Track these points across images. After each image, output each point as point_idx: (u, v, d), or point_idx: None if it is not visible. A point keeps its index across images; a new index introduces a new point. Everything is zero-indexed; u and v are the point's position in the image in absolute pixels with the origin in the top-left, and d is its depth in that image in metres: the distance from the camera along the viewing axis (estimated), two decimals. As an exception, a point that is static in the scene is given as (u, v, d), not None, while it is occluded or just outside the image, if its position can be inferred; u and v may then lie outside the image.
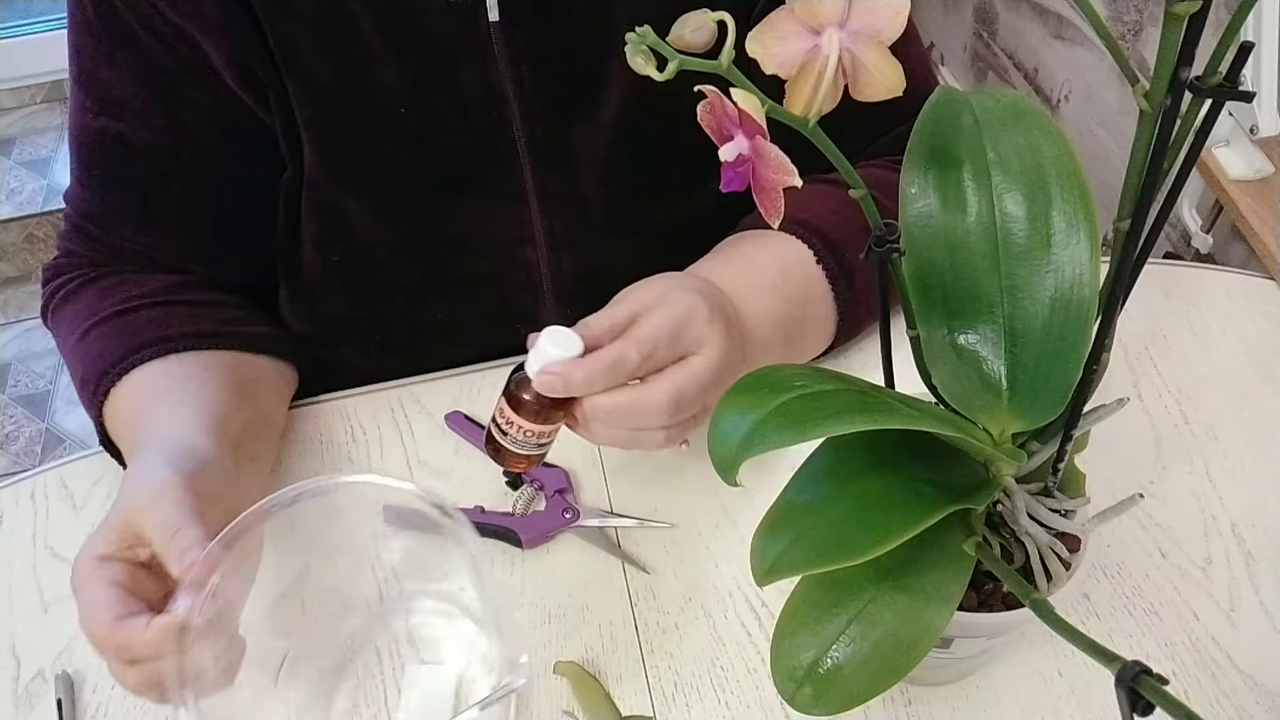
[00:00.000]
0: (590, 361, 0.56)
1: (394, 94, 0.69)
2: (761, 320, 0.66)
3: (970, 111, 0.49)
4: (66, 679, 0.63)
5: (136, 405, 0.67)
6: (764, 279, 0.68)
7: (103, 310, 0.72)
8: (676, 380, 0.58)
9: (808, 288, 0.69)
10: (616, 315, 0.59)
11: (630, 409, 0.57)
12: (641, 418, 0.58)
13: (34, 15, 2.26)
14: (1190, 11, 0.32)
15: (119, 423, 0.67)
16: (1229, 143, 1.03)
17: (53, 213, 2.13)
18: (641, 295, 0.60)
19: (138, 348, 0.68)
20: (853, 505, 0.45)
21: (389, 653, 0.63)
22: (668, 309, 0.58)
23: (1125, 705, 0.33)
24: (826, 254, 0.69)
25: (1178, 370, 0.75)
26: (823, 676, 0.46)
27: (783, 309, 0.67)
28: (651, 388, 0.58)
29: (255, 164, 0.74)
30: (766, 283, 0.68)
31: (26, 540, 0.70)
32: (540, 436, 0.58)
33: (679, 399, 0.58)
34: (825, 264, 0.69)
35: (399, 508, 0.59)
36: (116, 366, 0.67)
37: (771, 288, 0.67)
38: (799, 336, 0.70)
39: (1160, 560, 0.65)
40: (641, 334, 0.57)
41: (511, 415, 0.57)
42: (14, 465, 1.85)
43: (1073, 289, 0.46)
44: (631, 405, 0.57)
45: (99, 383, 0.67)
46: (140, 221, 0.75)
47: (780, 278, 0.68)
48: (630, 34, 0.36)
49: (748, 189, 0.40)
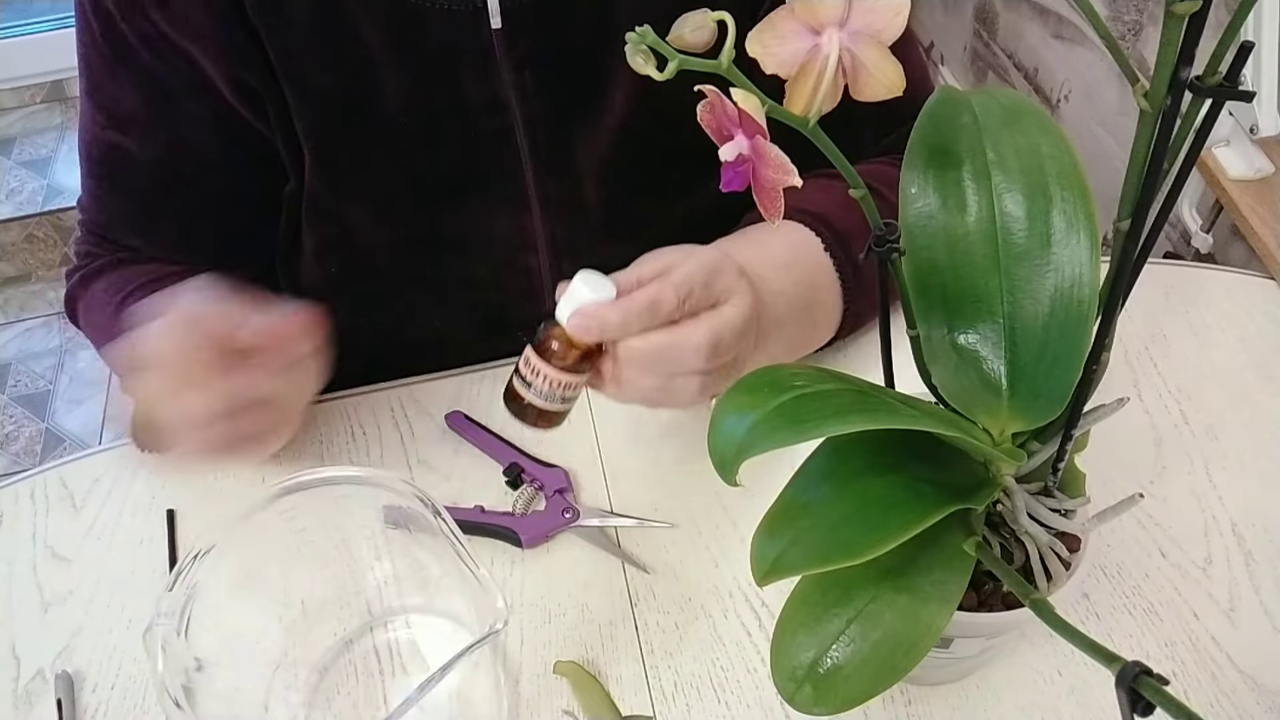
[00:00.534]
0: (626, 302, 0.55)
1: (396, 100, 0.70)
2: (776, 297, 0.66)
3: (970, 111, 0.49)
4: (66, 679, 0.63)
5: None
6: (778, 259, 0.68)
7: (134, 281, 0.73)
8: (714, 324, 0.57)
9: (816, 273, 0.69)
10: (644, 271, 0.58)
11: (668, 351, 0.56)
12: (679, 360, 0.56)
13: (34, 15, 2.26)
14: (1190, 11, 0.32)
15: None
16: (1229, 142, 1.03)
17: (53, 213, 2.13)
18: (666, 253, 0.59)
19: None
20: (853, 505, 0.45)
21: (387, 653, 0.63)
22: (697, 259, 0.58)
23: (1125, 705, 0.33)
24: (834, 243, 0.69)
25: (1178, 370, 0.75)
26: (823, 676, 0.46)
27: (794, 290, 0.67)
28: (690, 328, 0.56)
29: (256, 176, 0.75)
30: (780, 262, 0.67)
31: (26, 540, 0.70)
32: (566, 389, 0.56)
33: (717, 341, 0.56)
34: (833, 252, 0.69)
35: (399, 508, 0.59)
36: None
37: (785, 267, 0.67)
38: (808, 321, 0.70)
39: (1160, 560, 0.65)
40: (677, 279, 0.56)
41: (539, 364, 0.56)
42: (14, 465, 1.85)
43: (1073, 289, 0.46)
44: (670, 347, 0.56)
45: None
46: (145, 231, 0.76)
47: (791, 259, 0.68)
48: (630, 34, 0.36)
49: (748, 189, 0.40)
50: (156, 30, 0.65)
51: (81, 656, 0.64)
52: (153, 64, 0.67)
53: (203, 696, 0.52)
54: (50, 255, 2.18)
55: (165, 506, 0.71)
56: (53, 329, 2.09)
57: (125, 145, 0.72)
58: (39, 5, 2.27)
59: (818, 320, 0.71)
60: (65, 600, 0.67)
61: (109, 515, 0.71)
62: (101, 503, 0.72)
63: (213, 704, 0.53)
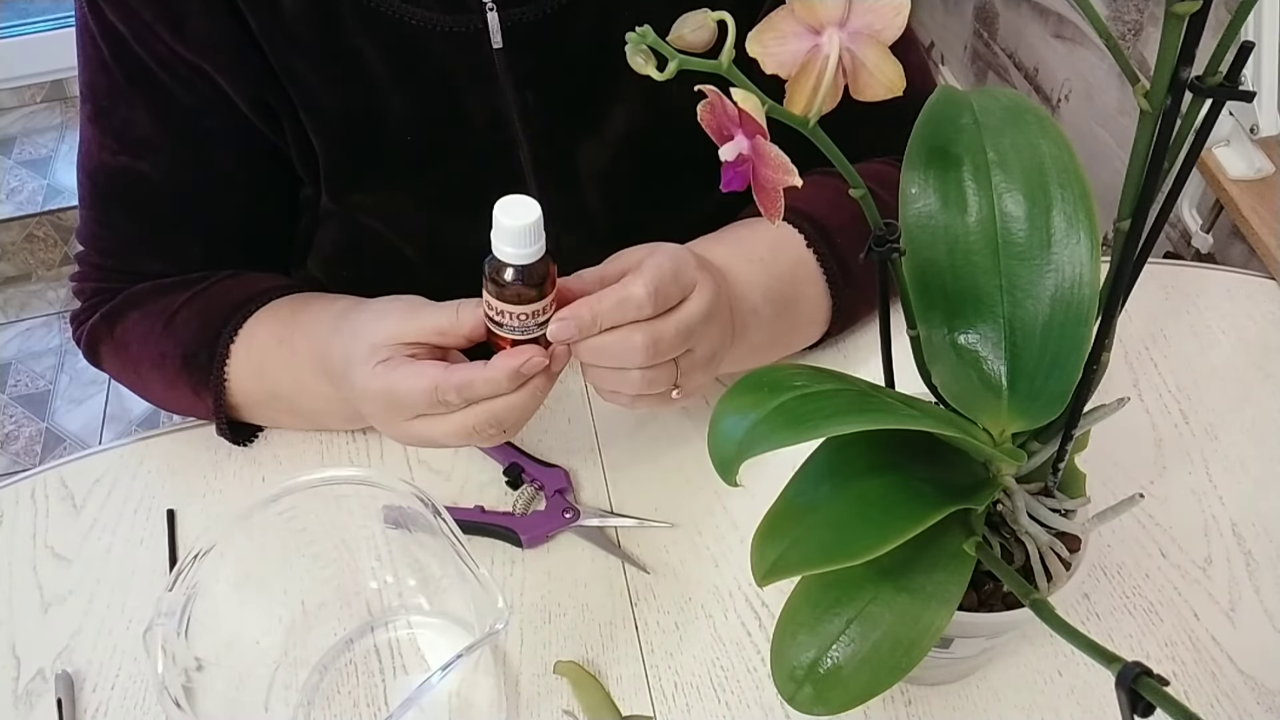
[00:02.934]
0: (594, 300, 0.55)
1: (401, 118, 0.70)
2: (751, 289, 0.66)
3: (970, 111, 0.48)
4: (66, 679, 0.63)
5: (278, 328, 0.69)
6: (753, 253, 0.68)
7: (178, 298, 0.72)
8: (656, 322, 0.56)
9: (797, 268, 0.70)
10: (606, 270, 0.58)
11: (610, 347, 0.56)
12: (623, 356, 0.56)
13: (34, 15, 2.26)
14: (1190, 11, 0.32)
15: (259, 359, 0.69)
16: (1229, 142, 1.03)
17: (53, 212, 2.13)
18: (629, 253, 0.59)
19: (239, 304, 0.70)
20: (853, 505, 0.45)
21: (387, 653, 0.63)
22: (663, 252, 0.57)
23: (1125, 706, 0.33)
24: (817, 238, 0.70)
25: (1178, 370, 0.75)
26: (823, 676, 0.46)
27: (773, 284, 0.68)
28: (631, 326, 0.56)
29: (276, 185, 0.76)
30: (755, 256, 0.68)
31: (26, 540, 0.70)
32: (537, 316, 0.56)
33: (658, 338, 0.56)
34: (816, 248, 0.70)
35: (399, 508, 0.59)
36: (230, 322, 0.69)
37: (760, 261, 0.68)
38: (789, 314, 0.70)
39: (1160, 560, 0.65)
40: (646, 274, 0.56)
41: (502, 306, 0.55)
42: (14, 465, 1.85)
43: (1073, 289, 0.46)
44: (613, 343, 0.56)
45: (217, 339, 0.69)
46: (166, 252, 0.75)
47: (769, 254, 0.69)
48: (630, 34, 0.36)
49: (748, 188, 0.40)
50: (173, 52, 0.65)
51: (81, 656, 0.64)
52: (170, 84, 0.67)
53: (203, 696, 0.52)
54: (50, 255, 2.18)
55: (165, 506, 0.71)
56: (53, 329, 2.09)
57: (141, 169, 0.70)
58: (39, 5, 2.27)
59: (801, 315, 0.71)
60: (65, 600, 0.67)
61: (109, 515, 0.71)
62: (101, 503, 0.72)
63: (213, 704, 0.53)
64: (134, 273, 0.75)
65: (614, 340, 0.56)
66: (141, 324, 0.72)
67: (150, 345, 0.71)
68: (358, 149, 0.71)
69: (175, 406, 0.75)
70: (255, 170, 0.74)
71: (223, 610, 0.57)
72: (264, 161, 0.73)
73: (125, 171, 0.71)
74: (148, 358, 0.72)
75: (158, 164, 0.71)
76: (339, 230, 0.77)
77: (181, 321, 0.71)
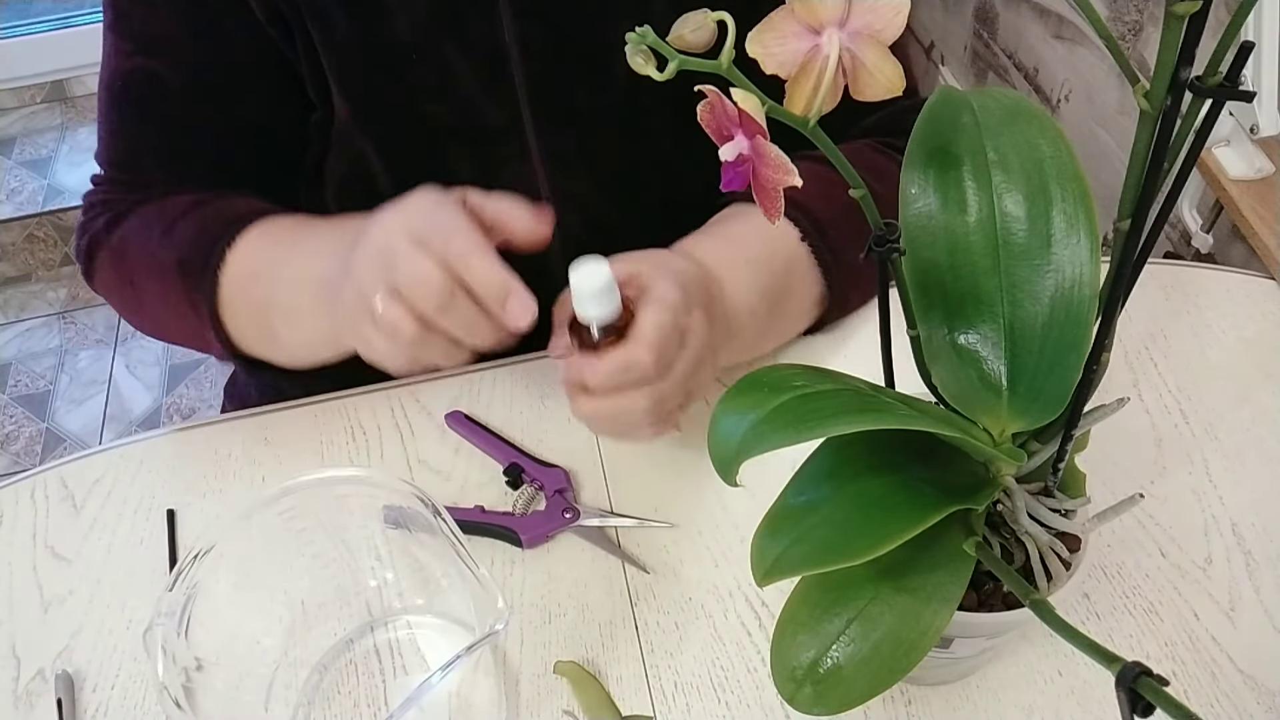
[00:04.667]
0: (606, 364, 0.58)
1: (405, 43, 0.70)
2: (749, 292, 0.67)
3: (970, 111, 0.48)
4: (66, 679, 0.63)
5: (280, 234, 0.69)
6: (750, 253, 0.69)
7: (180, 209, 0.72)
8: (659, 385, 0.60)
9: (792, 262, 0.70)
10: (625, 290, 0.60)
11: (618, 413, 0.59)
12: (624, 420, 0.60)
13: (34, 15, 2.26)
14: (1190, 11, 0.32)
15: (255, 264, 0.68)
16: (1229, 143, 1.03)
17: (53, 212, 2.14)
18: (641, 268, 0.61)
19: (241, 215, 0.70)
20: (853, 505, 0.45)
21: (388, 653, 0.63)
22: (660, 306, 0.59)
23: (1125, 706, 0.33)
24: (812, 232, 0.70)
25: (1178, 370, 0.75)
26: (823, 676, 0.46)
27: (768, 280, 0.69)
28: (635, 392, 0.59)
29: (286, 106, 0.75)
30: (751, 256, 0.69)
31: (27, 540, 0.70)
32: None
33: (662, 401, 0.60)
34: (811, 242, 0.70)
35: (399, 508, 0.59)
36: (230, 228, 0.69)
37: (757, 261, 0.69)
38: (784, 307, 0.71)
39: (1160, 560, 0.65)
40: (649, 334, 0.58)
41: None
42: (14, 465, 1.85)
43: (1073, 289, 0.46)
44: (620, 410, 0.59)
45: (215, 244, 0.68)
46: (175, 161, 0.75)
47: (765, 251, 0.70)
48: (630, 34, 0.36)
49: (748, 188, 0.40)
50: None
51: (81, 656, 0.64)
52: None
53: (203, 696, 0.52)
54: (50, 255, 2.18)
55: (165, 506, 0.71)
56: (53, 329, 2.09)
57: (155, 69, 0.71)
58: (39, 5, 2.27)
59: (794, 303, 0.72)
60: (65, 600, 0.67)
61: (109, 515, 0.71)
62: (101, 503, 0.72)
63: (213, 704, 0.53)
64: (142, 185, 0.75)
65: (621, 407, 0.59)
66: (141, 231, 0.73)
67: (148, 252, 0.72)
68: (365, 72, 0.72)
69: (172, 328, 0.75)
70: (269, 81, 0.74)
71: (223, 610, 0.57)
72: (276, 73, 0.73)
73: (139, 72, 0.71)
74: (144, 265, 0.72)
75: (172, 64, 0.71)
76: (343, 162, 0.77)
77: (181, 229, 0.71)
